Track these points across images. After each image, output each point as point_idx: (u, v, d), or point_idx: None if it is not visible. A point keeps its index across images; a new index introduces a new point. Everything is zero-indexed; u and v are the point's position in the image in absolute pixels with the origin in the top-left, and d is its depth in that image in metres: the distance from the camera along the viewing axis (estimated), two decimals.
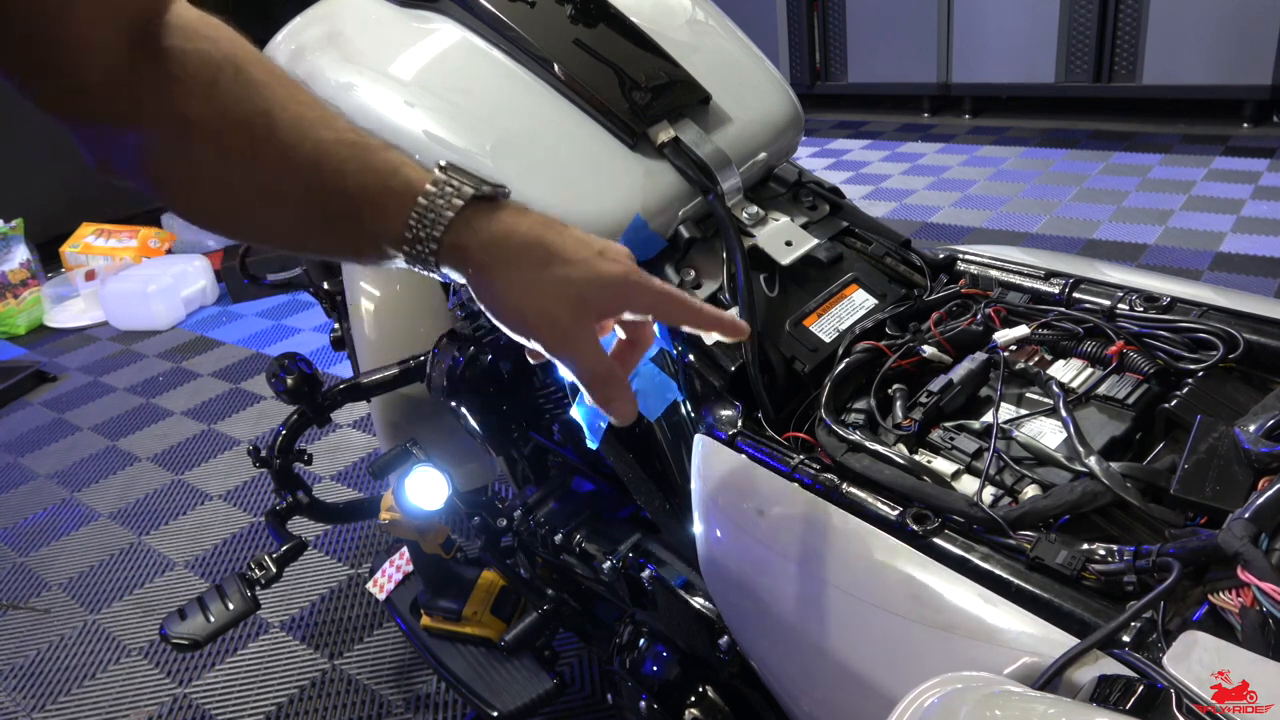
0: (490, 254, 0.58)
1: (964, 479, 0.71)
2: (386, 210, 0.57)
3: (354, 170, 0.57)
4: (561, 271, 0.58)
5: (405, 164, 0.59)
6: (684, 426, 0.89)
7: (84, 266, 3.63)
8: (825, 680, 0.71)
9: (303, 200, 0.58)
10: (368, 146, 0.58)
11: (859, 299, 0.93)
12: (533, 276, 0.58)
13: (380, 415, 1.48)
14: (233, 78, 0.56)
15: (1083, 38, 3.99)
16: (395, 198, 0.57)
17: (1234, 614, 0.53)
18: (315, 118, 0.58)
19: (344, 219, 0.58)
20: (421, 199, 0.57)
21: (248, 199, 0.58)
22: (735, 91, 1.00)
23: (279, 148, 0.56)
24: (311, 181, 0.57)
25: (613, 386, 0.61)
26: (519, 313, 0.59)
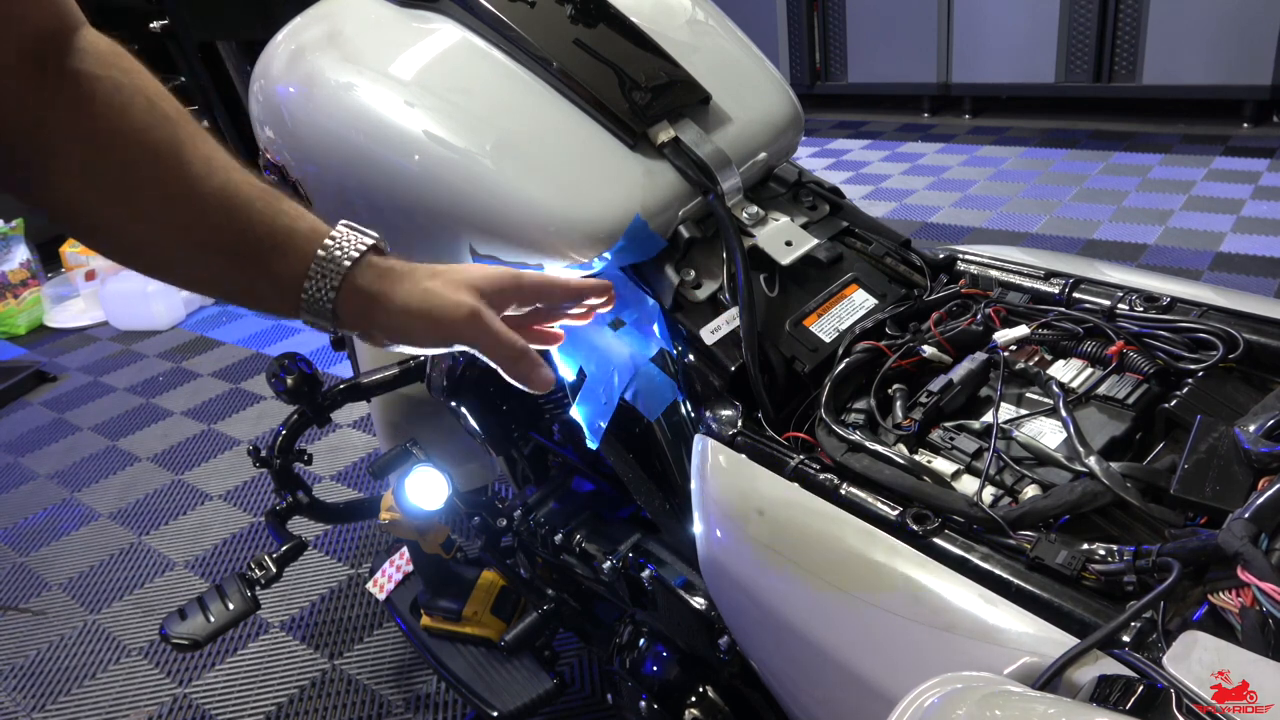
0: (388, 280, 0.64)
1: (964, 479, 0.71)
2: (291, 252, 0.62)
3: (261, 210, 0.60)
4: (451, 274, 0.66)
5: (307, 214, 0.63)
6: (684, 426, 0.89)
7: (84, 266, 3.63)
8: (825, 680, 0.71)
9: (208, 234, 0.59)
10: (273, 193, 0.62)
11: (859, 299, 0.93)
12: (429, 283, 0.65)
13: (380, 415, 1.48)
14: (145, 108, 0.57)
15: (1083, 38, 3.99)
16: (302, 239, 0.62)
17: (1234, 614, 0.53)
18: (223, 159, 0.60)
19: (248, 256, 0.61)
20: (328, 240, 0.62)
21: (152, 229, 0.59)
22: (735, 91, 1.00)
23: (188, 180, 0.58)
24: (219, 217, 0.59)
25: (526, 362, 0.67)
26: (427, 314, 0.64)
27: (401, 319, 0.64)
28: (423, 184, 0.90)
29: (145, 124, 0.57)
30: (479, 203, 0.88)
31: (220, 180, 0.59)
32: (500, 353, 0.66)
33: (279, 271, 0.61)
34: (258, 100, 1.08)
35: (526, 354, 0.67)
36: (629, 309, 0.92)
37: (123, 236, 0.60)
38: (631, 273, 0.94)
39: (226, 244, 0.60)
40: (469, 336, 0.65)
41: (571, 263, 0.89)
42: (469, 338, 0.65)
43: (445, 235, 0.92)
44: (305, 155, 1.01)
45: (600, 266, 0.91)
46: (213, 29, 2.53)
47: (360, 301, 0.63)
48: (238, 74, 2.54)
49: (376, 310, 0.64)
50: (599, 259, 0.89)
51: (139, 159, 0.56)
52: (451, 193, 0.89)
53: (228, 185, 0.59)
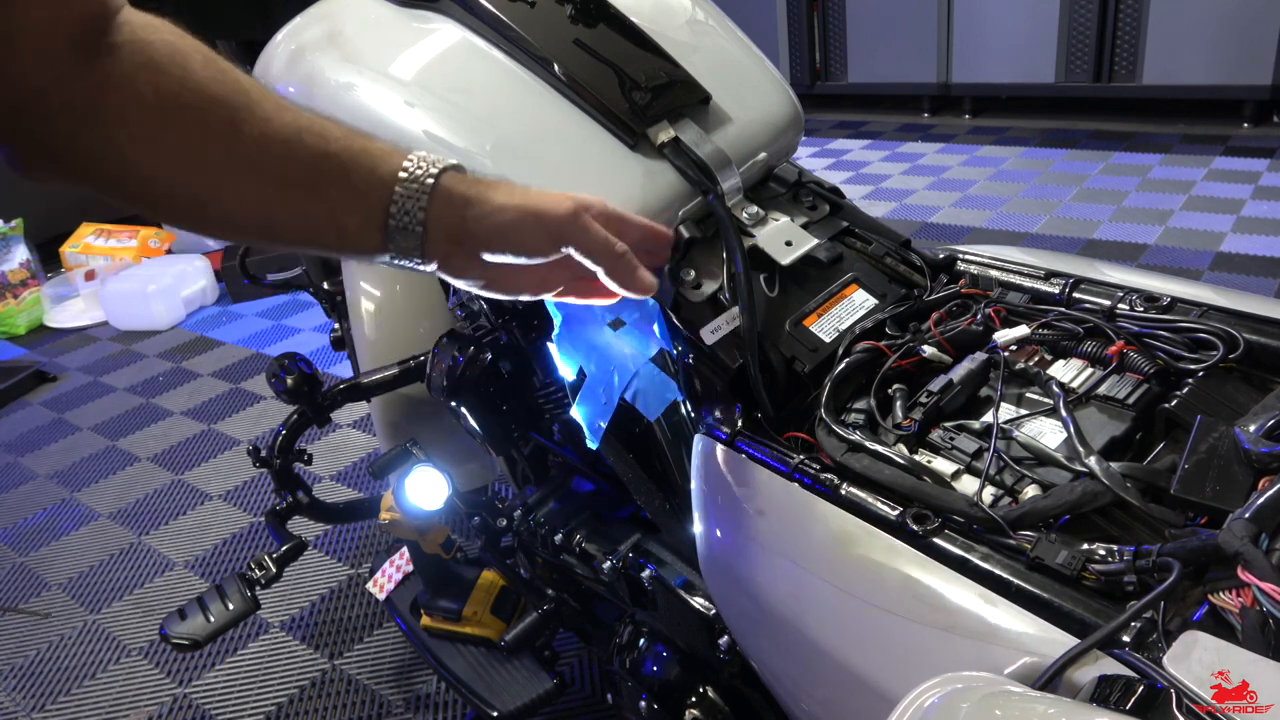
0: (480, 186, 0.64)
1: (964, 479, 0.71)
2: (374, 165, 0.61)
3: (338, 136, 0.60)
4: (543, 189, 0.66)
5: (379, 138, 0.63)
6: (684, 426, 0.89)
7: (84, 266, 3.63)
8: (825, 680, 0.71)
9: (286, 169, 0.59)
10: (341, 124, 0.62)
11: (859, 299, 0.93)
12: (524, 190, 0.65)
13: (380, 415, 1.48)
14: (204, 62, 0.57)
15: (1083, 38, 3.99)
16: (382, 155, 0.61)
17: (1234, 614, 0.53)
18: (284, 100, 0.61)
19: (330, 178, 0.60)
20: (408, 161, 0.62)
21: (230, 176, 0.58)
22: (735, 91, 1.00)
23: (260, 121, 0.58)
24: (296, 148, 0.59)
25: (629, 259, 0.66)
26: (530, 209, 0.63)
27: (503, 216, 0.63)
28: None
29: (208, 76, 0.57)
30: None
31: (290, 118, 0.59)
32: (604, 250, 0.65)
33: (365, 193, 0.61)
34: None
35: (628, 254, 0.66)
36: (629, 309, 0.92)
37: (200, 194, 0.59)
38: None
39: (308, 177, 0.60)
40: (571, 233, 0.64)
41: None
42: (571, 234, 0.64)
43: None
44: None
45: None
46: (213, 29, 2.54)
47: (454, 210, 0.62)
48: None
49: (472, 214, 0.63)
50: None
51: (208, 110, 0.56)
52: None
53: (299, 120, 0.59)
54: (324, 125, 0.61)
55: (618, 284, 0.66)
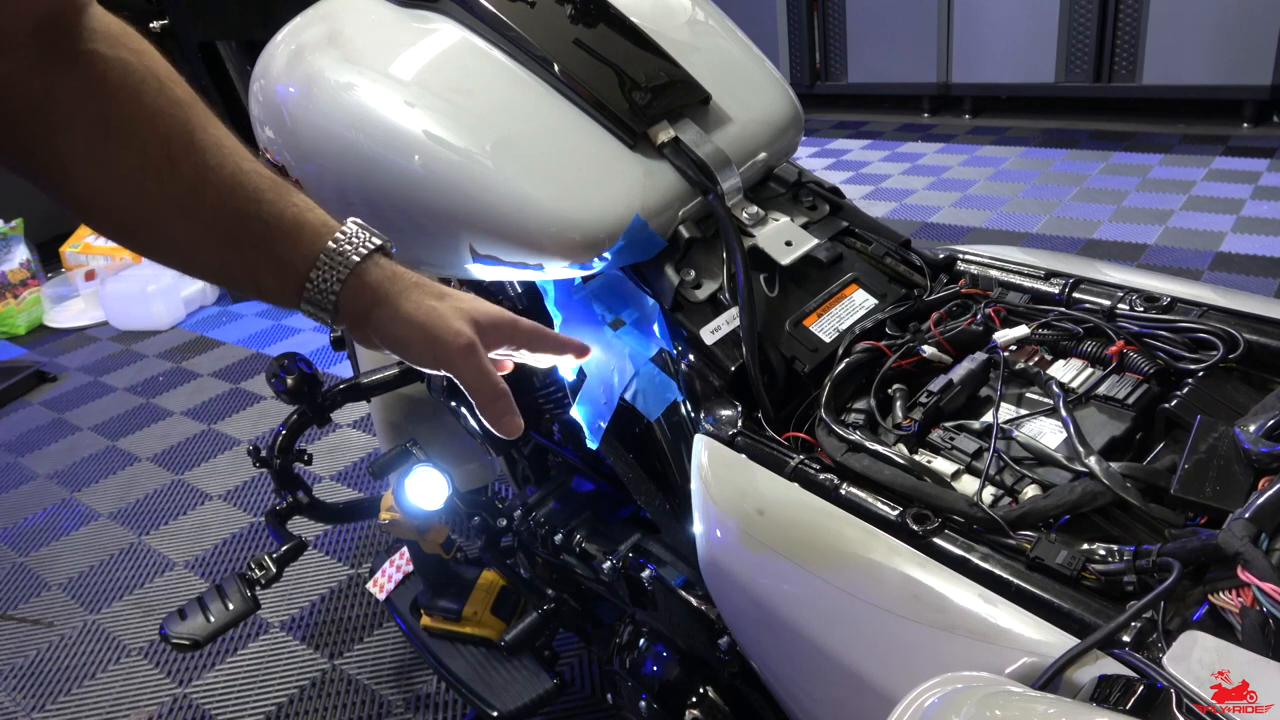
0: (395, 285, 0.65)
1: (964, 479, 0.71)
2: (300, 241, 0.61)
3: (271, 200, 0.61)
4: (457, 301, 0.67)
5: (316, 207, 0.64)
6: (684, 426, 0.89)
7: (84, 266, 3.63)
8: (825, 680, 0.71)
9: (215, 219, 0.59)
10: (283, 183, 0.62)
11: (859, 299, 0.93)
12: (434, 303, 0.66)
13: (380, 415, 1.48)
14: (156, 91, 0.57)
15: (1083, 38, 3.99)
16: (310, 230, 0.62)
17: (1234, 614, 0.53)
18: (233, 145, 0.60)
19: (255, 243, 0.61)
20: (339, 234, 0.63)
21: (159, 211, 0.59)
22: (735, 91, 1.00)
23: (198, 165, 0.58)
24: (227, 202, 0.59)
25: (505, 402, 0.68)
26: (426, 331, 0.65)
27: (401, 329, 0.64)
28: (423, 184, 0.90)
29: (155, 108, 0.57)
30: (479, 203, 0.88)
31: (231, 169, 0.59)
32: (483, 390, 0.67)
33: (286, 261, 0.62)
34: (258, 100, 1.08)
35: (505, 396, 0.68)
36: (629, 309, 0.92)
37: (128, 220, 0.59)
38: (631, 273, 0.94)
39: (234, 233, 0.60)
40: (458, 366, 0.66)
41: (572, 262, 0.89)
42: (458, 368, 0.66)
43: (445, 235, 0.92)
44: (305, 155, 1.01)
45: (600, 267, 0.91)
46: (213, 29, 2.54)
47: (365, 300, 0.63)
48: (238, 74, 2.54)
49: (379, 313, 0.64)
50: (599, 259, 0.89)
51: (148, 144, 0.56)
52: (451, 193, 0.89)
53: (238, 174, 0.59)
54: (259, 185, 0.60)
55: (488, 420, 0.68)
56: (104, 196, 0.58)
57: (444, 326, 0.65)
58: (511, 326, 0.71)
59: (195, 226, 0.60)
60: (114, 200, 0.58)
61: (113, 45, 0.56)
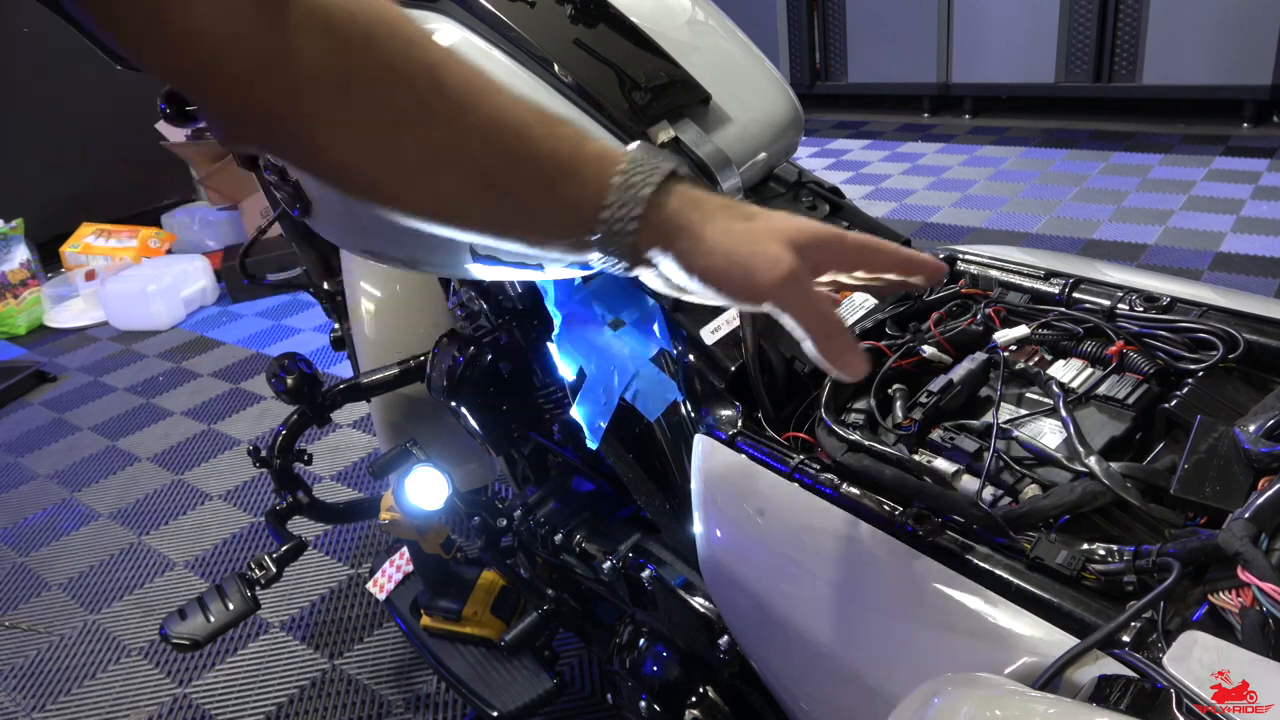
0: (699, 211, 0.55)
1: (964, 479, 0.71)
2: (583, 177, 0.54)
3: (541, 136, 0.54)
4: (771, 222, 0.56)
5: (591, 135, 0.56)
6: (684, 426, 0.89)
7: (84, 266, 3.63)
8: (825, 680, 0.71)
9: (481, 165, 0.53)
10: (549, 114, 0.55)
11: (859, 299, 0.93)
12: (744, 225, 0.56)
13: (380, 415, 1.48)
14: (388, 34, 0.51)
15: (1083, 38, 3.99)
16: (592, 163, 0.54)
17: (1234, 614, 0.53)
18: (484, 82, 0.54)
19: (533, 187, 0.54)
20: (624, 165, 0.54)
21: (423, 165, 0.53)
22: (735, 91, 1.00)
23: (452, 106, 0.52)
24: (492, 144, 0.53)
25: (844, 338, 0.56)
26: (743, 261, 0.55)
27: (709, 259, 0.55)
28: None
29: (394, 51, 0.51)
30: None
31: (488, 106, 0.53)
32: (814, 325, 0.56)
33: (568, 203, 0.54)
34: None
35: (843, 331, 0.56)
36: (629, 309, 0.92)
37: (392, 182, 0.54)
38: None
39: (505, 178, 0.54)
40: (782, 299, 0.55)
41: (572, 262, 0.89)
42: (781, 300, 0.55)
43: (445, 235, 0.92)
44: None
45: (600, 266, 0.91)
46: None
47: (667, 233, 0.55)
48: None
49: (684, 245, 0.55)
50: None
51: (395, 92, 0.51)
52: None
53: (497, 109, 0.53)
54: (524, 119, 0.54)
55: (825, 360, 0.57)
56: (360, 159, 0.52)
57: (759, 253, 0.55)
58: (839, 243, 0.58)
59: (462, 176, 0.53)
60: (372, 161, 0.52)
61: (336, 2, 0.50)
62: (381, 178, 0.53)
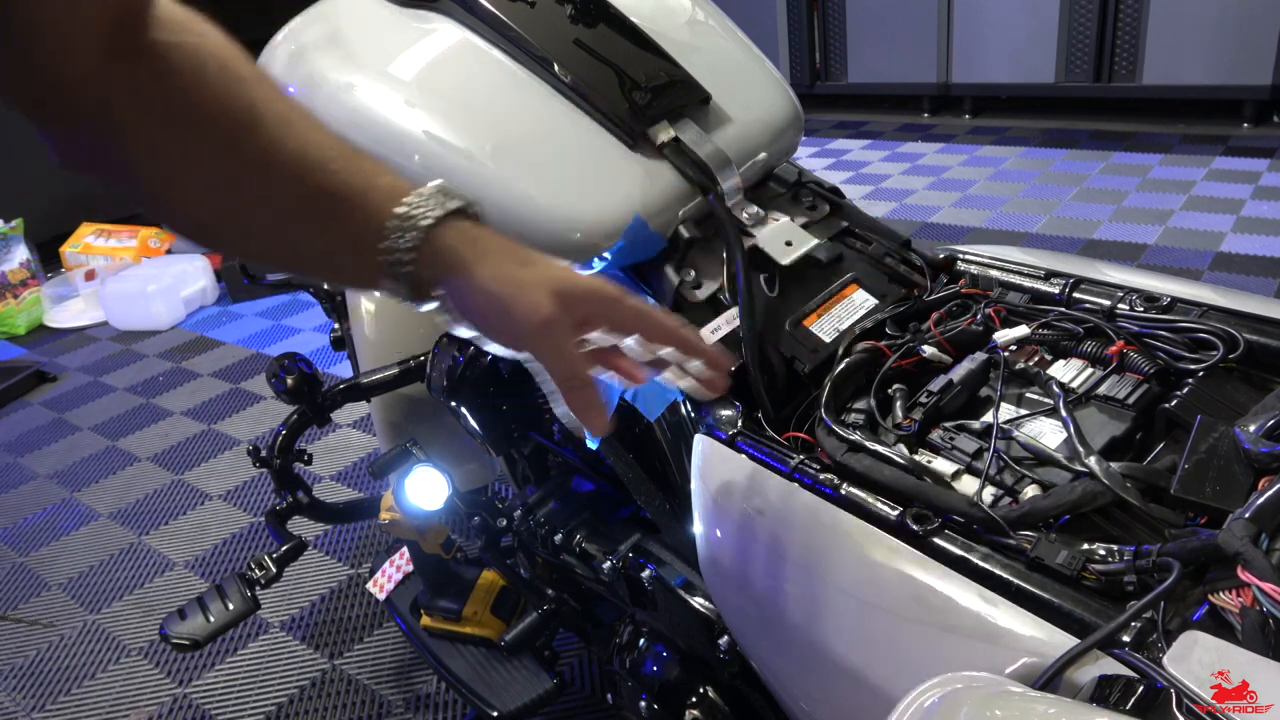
0: (474, 249, 0.57)
1: (964, 479, 0.71)
2: (370, 206, 0.56)
3: (339, 169, 0.56)
4: (545, 270, 0.58)
5: (389, 171, 0.58)
6: (684, 426, 0.89)
7: (84, 266, 3.63)
8: (825, 680, 0.71)
9: (283, 199, 0.56)
10: (352, 151, 0.58)
11: (859, 299, 0.93)
12: (515, 271, 0.58)
13: (380, 415, 1.48)
14: (218, 72, 0.54)
15: (1083, 38, 3.99)
16: (380, 195, 0.57)
17: (1234, 614, 0.53)
18: (300, 118, 0.57)
19: (325, 217, 0.57)
20: (410, 197, 0.57)
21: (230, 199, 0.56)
22: (735, 91, 1.00)
23: (263, 144, 0.55)
24: (295, 179, 0.56)
25: (590, 393, 0.59)
26: (503, 304, 0.57)
27: (477, 300, 0.57)
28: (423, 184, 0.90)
29: (218, 89, 0.54)
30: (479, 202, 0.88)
31: (296, 143, 0.55)
32: (563, 375, 0.58)
33: (356, 234, 0.56)
34: None
35: (587, 387, 0.58)
36: None
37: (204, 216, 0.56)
38: (631, 273, 0.94)
39: (304, 211, 0.56)
40: (534, 347, 0.58)
41: (572, 262, 0.89)
42: (534, 348, 0.58)
43: None
44: None
45: (600, 267, 0.91)
46: None
47: (441, 267, 0.57)
48: None
49: (455, 280, 0.57)
50: (599, 259, 0.89)
51: (212, 128, 0.54)
52: None
53: (304, 148, 0.56)
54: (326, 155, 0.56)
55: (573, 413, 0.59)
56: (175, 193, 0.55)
57: (522, 299, 0.56)
58: (610, 304, 0.59)
59: (267, 210, 0.56)
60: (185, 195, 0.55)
61: (175, 32, 0.53)
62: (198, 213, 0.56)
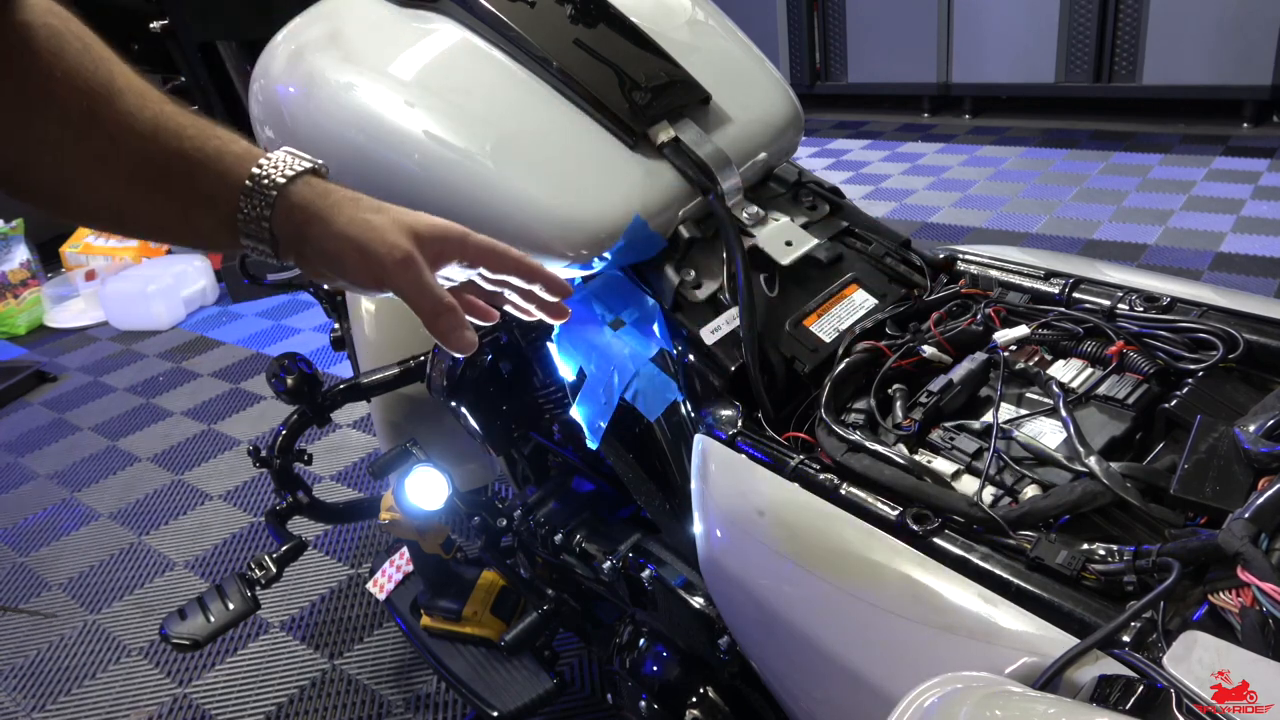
0: (326, 201, 0.61)
1: (964, 479, 0.71)
2: (224, 168, 0.60)
3: (193, 136, 0.59)
4: (396, 214, 0.63)
5: (242, 138, 0.62)
6: (684, 426, 0.89)
7: (84, 266, 3.63)
8: (825, 680, 0.71)
9: (138, 166, 0.59)
10: (206, 122, 0.61)
11: (859, 299, 0.93)
12: (369, 215, 0.62)
13: (380, 415, 1.48)
14: (79, 50, 0.57)
15: (1083, 38, 3.99)
16: (234, 158, 0.60)
17: (1234, 614, 0.53)
18: (155, 95, 0.60)
19: (179, 178, 0.60)
20: (263, 160, 0.61)
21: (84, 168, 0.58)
22: (735, 91, 1.00)
23: (120, 114, 0.57)
24: (149, 146, 0.58)
25: (448, 319, 0.63)
26: (362, 246, 0.61)
27: (337, 245, 0.61)
28: (422, 184, 0.90)
29: (78, 65, 0.56)
30: (479, 203, 0.88)
31: (152, 113, 0.59)
32: (423, 305, 0.63)
33: (213, 196, 0.60)
34: (258, 100, 1.08)
35: (452, 310, 0.63)
36: (629, 309, 0.92)
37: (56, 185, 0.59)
38: (631, 273, 0.94)
39: (159, 177, 0.59)
40: (396, 282, 0.62)
41: (571, 262, 0.89)
42: (396, 283, 0.63)
43: None
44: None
45: (600, 267, 0.91)
46: (213, 29, 2.53)
47: (299, 220, 0.61)
48: (238, 74, 2.54)
49: (313, 230, 0.61)
50: (599, 259, 0.89)
51: (69, 101, 0.56)
52: (451, 193, 0.89)
53: (159, 117, 0.59)
54: (180, 122, 0.60)
55: (437, 338, 0.64)
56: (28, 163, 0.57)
57: (380, 240, 0.61)
58: (459, 240, 0.66)
59: (120, 178, 0.59)
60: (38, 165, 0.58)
61: (40, 14, 0.56)
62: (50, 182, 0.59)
